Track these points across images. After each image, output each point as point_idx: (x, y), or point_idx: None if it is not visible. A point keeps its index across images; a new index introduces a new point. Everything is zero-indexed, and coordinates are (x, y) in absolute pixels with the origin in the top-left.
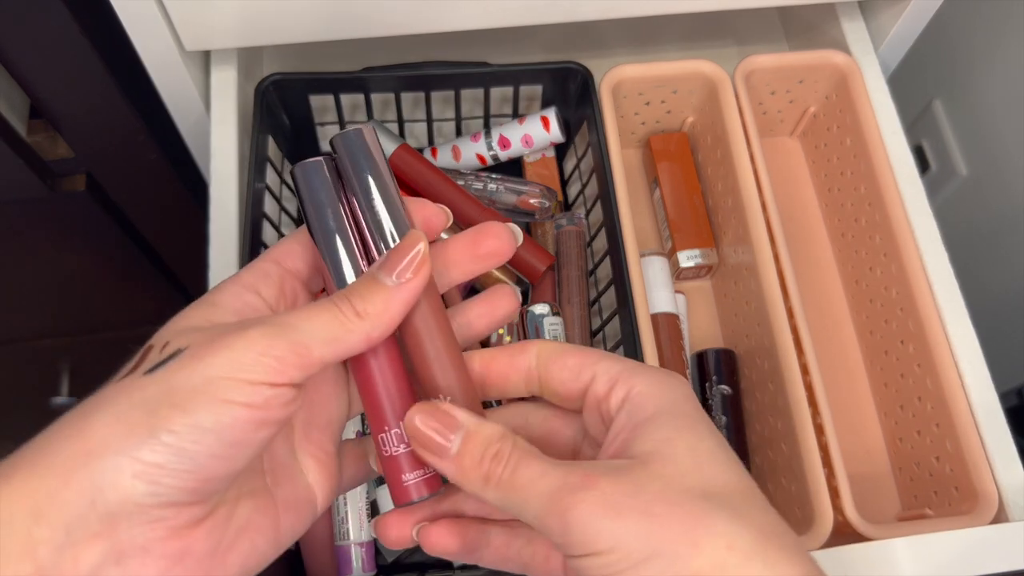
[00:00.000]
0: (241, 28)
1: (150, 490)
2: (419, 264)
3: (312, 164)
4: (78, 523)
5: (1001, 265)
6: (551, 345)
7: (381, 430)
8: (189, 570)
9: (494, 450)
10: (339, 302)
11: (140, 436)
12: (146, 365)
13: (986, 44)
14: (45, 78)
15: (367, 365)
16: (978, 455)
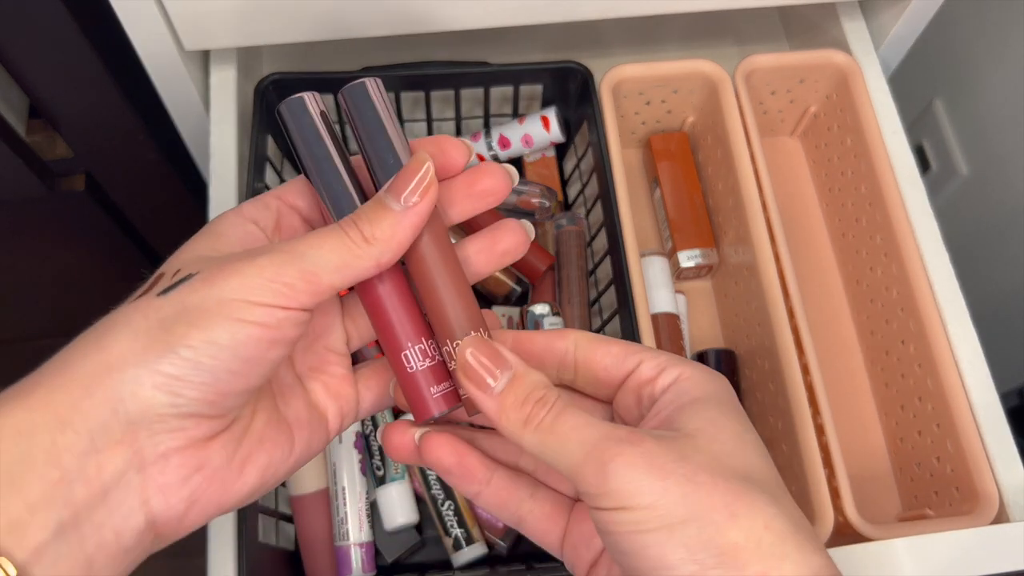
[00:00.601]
0: (240, 27)
1: (170, 400)
2: (426, 186)
3: (296, 100)
4: (101, 431)
5: (1002, 265)
6: (590, 335)
7: (401, 348)
8: (207, 478)
9: (539, 395)
10: (347, 227)
11: (159, 350)
12: (158, 288)
13: (987, 44)
14: (44, 78)
15: (377, 289)
16: (979, 455)
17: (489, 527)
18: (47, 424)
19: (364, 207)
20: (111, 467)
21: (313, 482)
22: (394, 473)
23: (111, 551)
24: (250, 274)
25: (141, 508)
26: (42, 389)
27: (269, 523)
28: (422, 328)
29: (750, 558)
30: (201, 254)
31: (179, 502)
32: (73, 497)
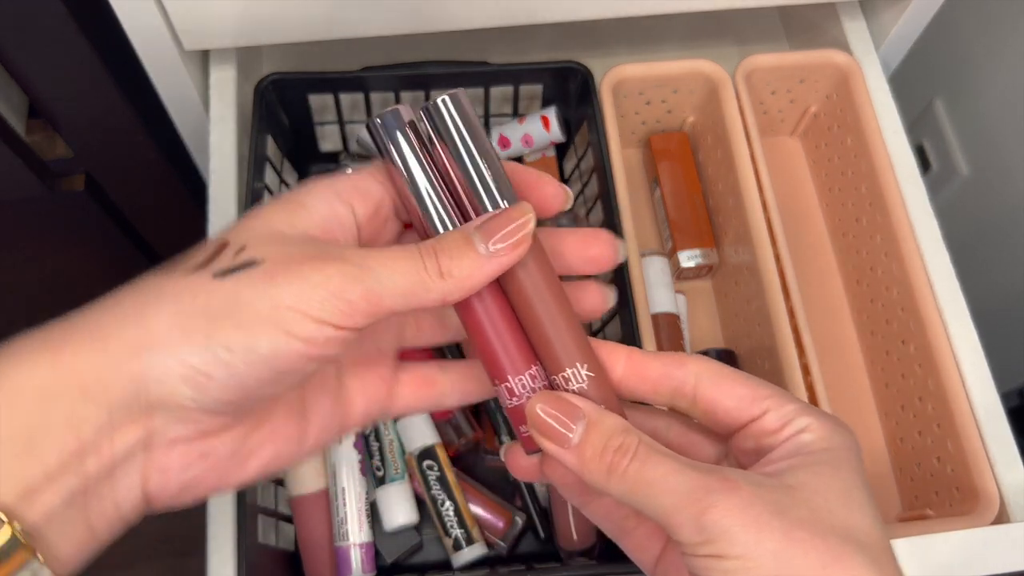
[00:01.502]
0: (240, 27)
1: (194, 396)
2: (520, 240)
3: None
4: (121, 408)
5: (1002, 265)
6: (713, 366)
7: (503, 379)
8: (208, 467)
9: (618, 442)
10: (426, 255)
11: (197, 344)
12: (217, 265)
13: (987, 43)
14: (44, 78)
15: (481, 316)
16: (979, 455)
17: (489, 527)
18: (70, 391)
19: (449, 238)
20: (123, 444)
21: (313, 482)
22: (394, 473)
23: (109, 519)
24: (314, 282)
25: (140, 485)
26: (72, 347)
27: (269, 523)
28: (528, 356)
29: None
30: (275, 228)
31: (176, 485)
32: (85, 468)
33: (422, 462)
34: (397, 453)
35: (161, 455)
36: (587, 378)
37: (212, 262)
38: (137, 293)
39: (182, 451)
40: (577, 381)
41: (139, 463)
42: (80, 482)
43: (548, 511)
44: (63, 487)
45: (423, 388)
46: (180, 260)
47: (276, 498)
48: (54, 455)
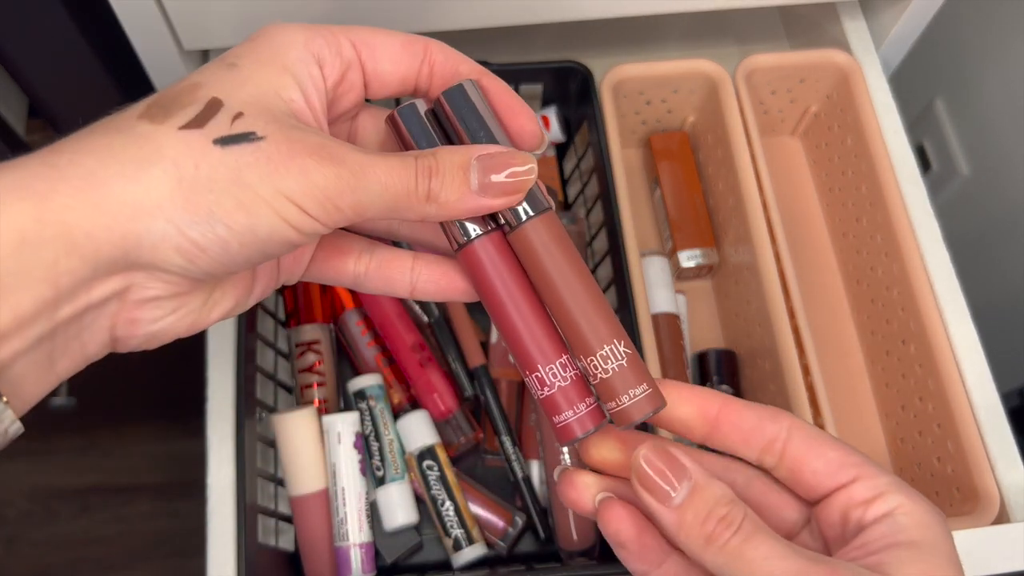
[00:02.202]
0: (240, 27)
1: (182, 264)
2: (515, 186)
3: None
4: (106, 266)
5: (1003, 265)
6: (806, 427)
7: (533, 369)
8: (177, 318)
9: (722, 512)
10: (420, 174)
11: (197, 215)
12: (215, 129)
13: (988, 43)
14: (43, 78)
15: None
16: (979, 456)
17: (489, 527)
18: (55, 243)
19: (449, 161)
20: (99, 294)
21: (313, 482)
22: (394, 473)
23: (74, 358)
24: (314, 181)
25: (108, 331)
26: (62, 199)
27: (269, 524)
28: (557, 344)
29: None
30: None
31: (143, 335)
32: (58, 315)
33: (422, 462)
34: (397, 453)
35: (133, 307)
36: (625, 355)
37: (207, 122)
38: (131, 143)
39: (154, 306)
40: (615, 359)
41: (111, 311)
42: (51, 328)
43: (548, 511)
44: (33, 333)
45: (331, 249)
46: (166, 101)
47: (276, 498)
48: (28, 303)
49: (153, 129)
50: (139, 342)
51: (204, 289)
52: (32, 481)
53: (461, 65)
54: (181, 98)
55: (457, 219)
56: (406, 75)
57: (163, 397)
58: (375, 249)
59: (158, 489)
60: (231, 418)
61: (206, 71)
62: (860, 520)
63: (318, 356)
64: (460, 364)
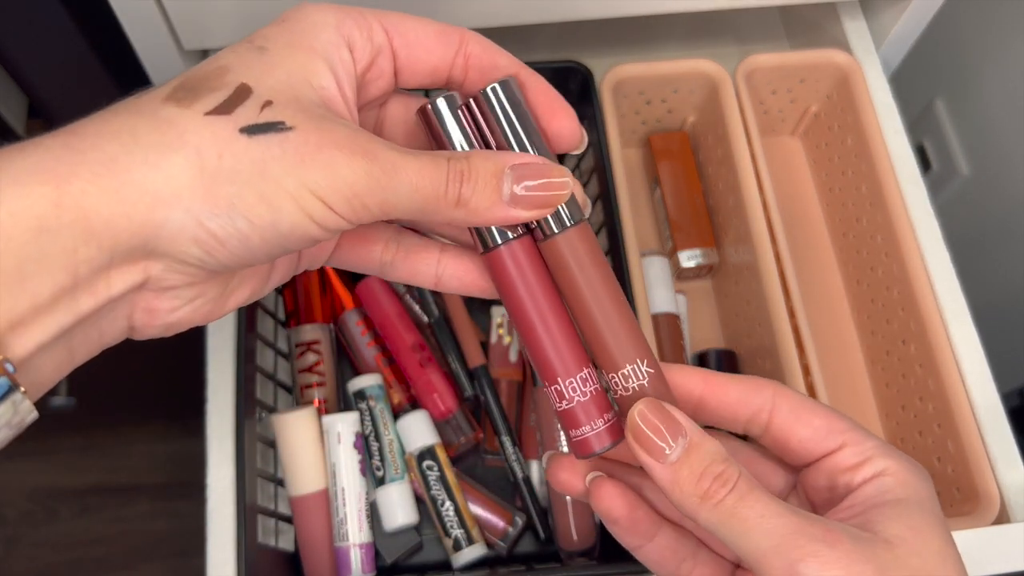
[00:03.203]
0: (240, 27)
1: (200, 256)
2: (547, 199)
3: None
4: (123, 254)
5: (1003, 265)
6: (791, 395)
7: (552, 381)
8: (194, 308)
9: (718, 469)
10: (451, 179)
11: (217, 207)
12: (241, 115)
13: (988, 43)
14: (43, 78)
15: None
16: (980, 456)
17: (489, 528)
18: (73, 229)
19: (483, 167)
20: (119, 285)
21: (313, 483)
22: (394, 473)
23: (91, 346)
24: (341, 177)
25: (126, 319)
26: (81, 184)
27: (269, 524)
28: (581, 357)
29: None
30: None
31: (161, 324)
32: (78, 306)
33: (422, 462)
34: (397, 453)
35: (152, 297)
36: (648, 375)
37: (235, 109)
38: (155, 127)
39: (172, 296)
40: (637, 379)
41: (129, 301)
42: (71, 319)
43: (548, 511)
44: (53, 324)
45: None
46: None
47: (276, 498)
48: (47, 290)
49: (178, 113)
50: (156, 331)
51: (222, 279)
52: (32, 481)
53: (499, 58)
54: (209, 81)
55: (486, 226)
56: (438, 65)
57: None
58: (402, 238)
59: (158, 489)
60: (231, 418)
61: (234, 53)
62: (848, 484)
63: (318, 356)
64: (460, 364)
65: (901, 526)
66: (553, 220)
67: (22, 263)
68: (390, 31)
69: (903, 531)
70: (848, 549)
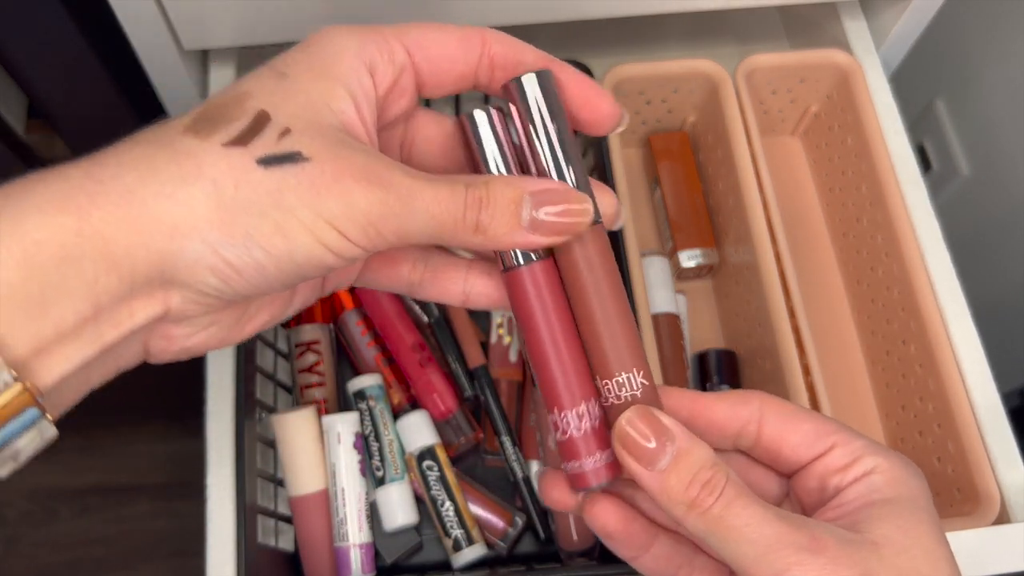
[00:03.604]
0: (240, 27)
1: (217, 285)
2: (567, 226)
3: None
4: (142, 284)
5: (1003, 265)
6: (778, 403)
7: (555, 410)
8: (211, 334)
9: (706, 476)
10: (469, 205)
11: (233, 238)
12: (260, 148)
13: (988, 43)
14: (43, 77)
15: (539, 334)
16: (980, 456)
17: (489, 528)
18: (95, 258)
19: (501, 194)
20: (140, 317)
21: (312, 483)
22: (394, 474)
23: (107, 371)
24: (357, 207)
25: (143, 345)
26: (101, 214)
27: (268, 524)
28: (587, 387)
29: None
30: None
31: (178, 349)
32: (102, 339)
33: (422, 462)
34: (397, 453)
35: (170, 325)
36: (642, 386)
37: (252, 139)
38: (172, 158)
39: (189, 323)
40: (631, 388)
41: (147, 331)
42: (97, 350)
43: (548, 511)
44: (79, 354)
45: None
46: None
47: (276, 498)
48: (69, 318)
49: (196, 145)
50: (172, 356)
51: (240, 307)
52: (32, 481)
53: (524, 55)
54: (229, 111)
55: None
56: (463, 72)
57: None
58: (429, 257)
59: (158, 489)
60: (231, 418)
61: (256, 79)
62: (838, 486)
63: (318, 356)
64: (460, 364)
65: (889, 526)
66: None
67: (45, 290)
68: (411, 48)
69: (891, 531)
70: (833, 555)
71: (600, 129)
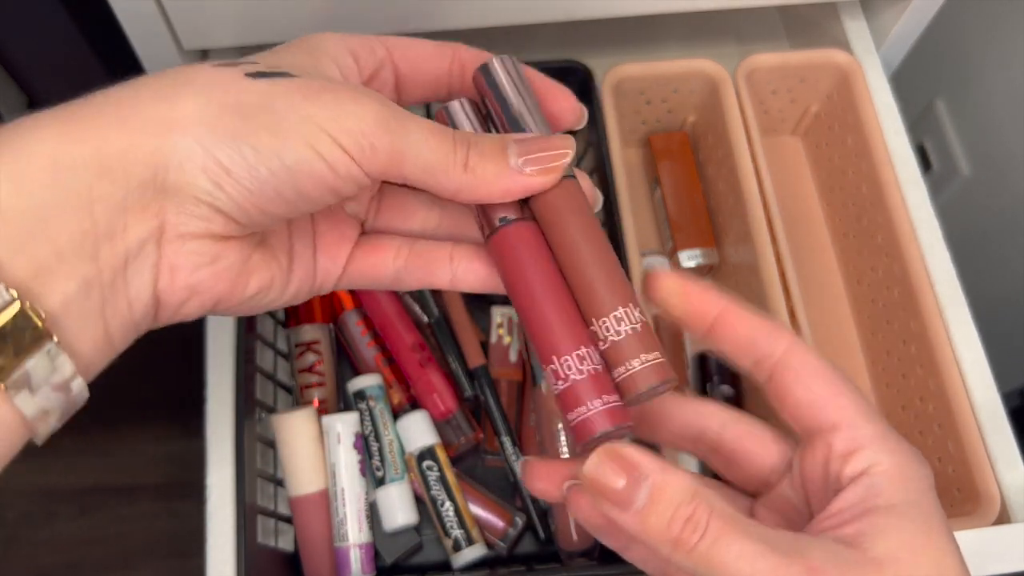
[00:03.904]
0: (240, 27)
1: (209, 189)
2: (552, 168)
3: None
4: (136, 190)
5: (1004, 265)
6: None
7: (549, 360)
8: (214, 273)
9: (686, 512)
10: (458, 143)
11: (224, 135)
12: (247, 67)
13: (988, 43)
14: (42, 77)
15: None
16: (980, 456)
17: (489, 528)
18: (88, 165)
19: (486, 139)
20: (135, 232)
21: (312, 483)
22: (393, 474)
23: (123, 320)
24: (349, 111)
25: (151, 283)
26: (90, 121)
27: (268, 524)
28: (582, 333)
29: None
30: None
31: (183, 288)
32: (98, 254)
33: (422, 462)
34: (397, 453)
35: (172, 251)
36: (640, 321)
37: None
38: (163, 76)
39: (192, 249)
40: (630, 321)
41: (151, 258)
42: (95, 270)
43: (548, 512)
44: (77, 271)
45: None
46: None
47: (276, 498)
48: (66, 235)
49: (188, 68)
50: (180, 299)
51: (239, 246)
52: (32, 481)
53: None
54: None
55: (491, 200)
56: (438, 76)
57: (163, 397)
58: (414, 242)
59: (158, 489)
60: (230, 418)
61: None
62: (837, 476)
63: (318, 356)
64: (460, 364)
65: (892, 542)
66: None
67: (39, 206)
68: (390, 48)
69: (894, 547)
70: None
71: (562, 122)
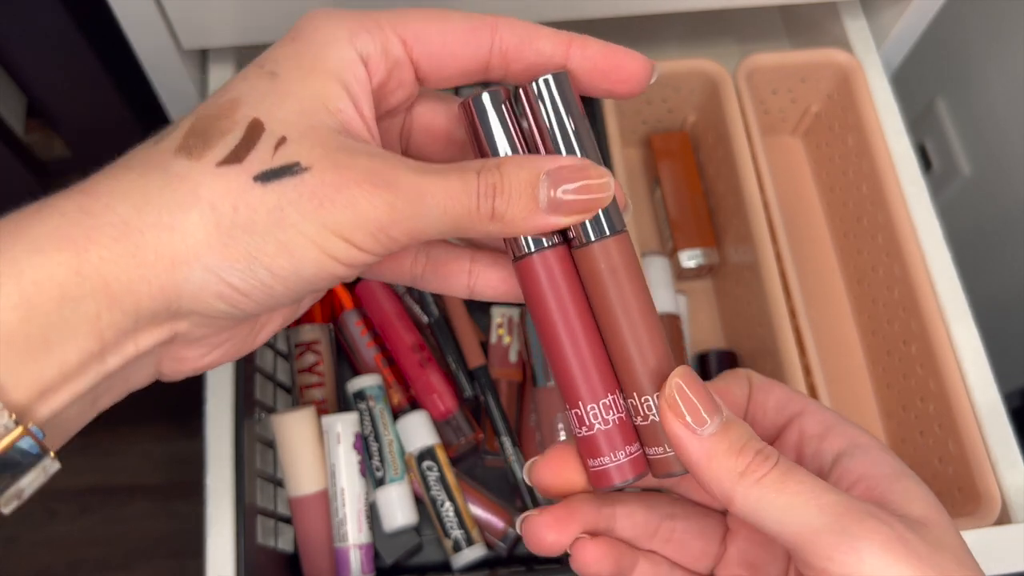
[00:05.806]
0: (239, 26)
1: (227, 311)
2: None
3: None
4: (148, 317)
5: (1004, 265)
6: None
7: (574, 405)
8: (223, 351)
9: (758, 446)
10: (483, 194)
11: (236, 260)
12: (256, 164)
13: (989, 42)
14: (42, 77)
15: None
16: (981, 456)
17: (489, 528)
18: (96, 296)
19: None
20: (145, 342)
21: (312, 483)
22: (393, 474)
23: (117, 394)
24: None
25: (155, 367)
26: (98, 250)
27: (268, 524)
28: (610, 380)
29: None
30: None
31: (190, 369)
32: (105, 367)
33: (422, 463)
34: (397, 454)
35: (181, 348)
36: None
37: (247, 154)
38: (166, 183)
39: (202, 344)
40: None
41: (156, 354)
42: (99, 379)
43: None
44: (80, 385)
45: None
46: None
47: (276, 499)
48: (74, 356)
49: (190, 167)
50: (185, 375)
51: (250, 321)
52: None
53: (539, 43)
54: (220, 123)
55: (522, 235)
56: (469, 67)
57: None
58: (430, 249)
59: (157, 489)
60: (230, 418)
61: (245, 82)
62: (819, 455)
63: (317, 356)
64: (460, 364)
65: (923, 504)
66: (591, 226)
67: (47, 331)
68: (409, 40)
69: (926, 510)
70: (903, 529)
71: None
